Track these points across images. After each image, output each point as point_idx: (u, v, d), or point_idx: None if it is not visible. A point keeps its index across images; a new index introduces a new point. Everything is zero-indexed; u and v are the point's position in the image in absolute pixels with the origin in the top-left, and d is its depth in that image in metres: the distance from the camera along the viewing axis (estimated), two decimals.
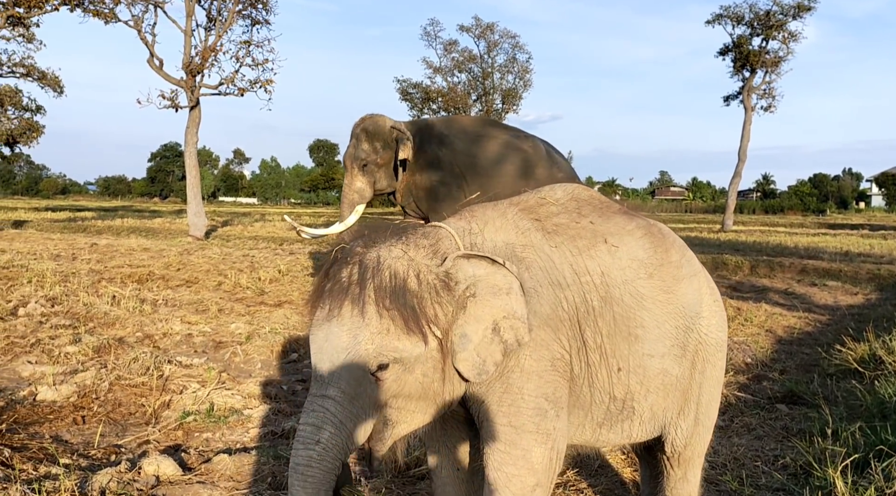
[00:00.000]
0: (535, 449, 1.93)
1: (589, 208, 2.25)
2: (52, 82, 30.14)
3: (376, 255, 1.80)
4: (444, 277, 1.83)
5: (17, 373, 4.65)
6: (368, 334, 1.73)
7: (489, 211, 2.12)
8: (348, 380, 1.74)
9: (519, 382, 1.92)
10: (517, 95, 36.80)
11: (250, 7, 17.02)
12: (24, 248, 13.66)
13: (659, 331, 2.14)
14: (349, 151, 7.58)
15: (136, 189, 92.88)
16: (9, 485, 2.62)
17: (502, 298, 1.85)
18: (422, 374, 1.81)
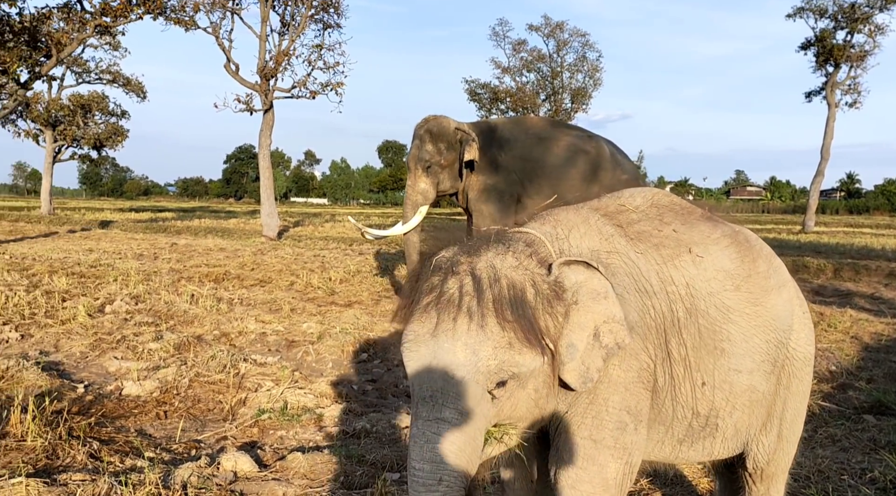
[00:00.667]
0: (611, 464, 1.85)
1: (671, 215, 2.17)
2: (136, 88, 31.52)
3: (489, 265, 1.68)
4: (556, 286, 1.74)
5: (104, 368, 4.86)
6: (490, 349, 1.60)
7: (572, 216, 2.03)
8: (466, 399, 1.60)
9: (605, 394, 1.84)
10: (587, 94, 36.34)
11: (322, 12, 17.35)
12: (110, 247, 14.30)
13: (747, 346, 2.05)
14: (412, 153, 7.61)
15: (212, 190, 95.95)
16: (98, 476, 2.74)
17: (602, 303, 1.77)
18: (533, 389, 1.73)
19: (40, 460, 3.02)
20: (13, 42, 14.92)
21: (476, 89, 36.85)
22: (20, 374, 4.30)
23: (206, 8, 16.49)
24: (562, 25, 35.89)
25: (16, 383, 4.19)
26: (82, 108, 30.86)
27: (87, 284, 8.35)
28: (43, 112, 29.52)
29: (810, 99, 28.12)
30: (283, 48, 17.06)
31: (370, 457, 3.20)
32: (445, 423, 1.59)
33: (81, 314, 6.30)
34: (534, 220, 2.05)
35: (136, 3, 15.53)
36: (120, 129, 32.80)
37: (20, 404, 3.33)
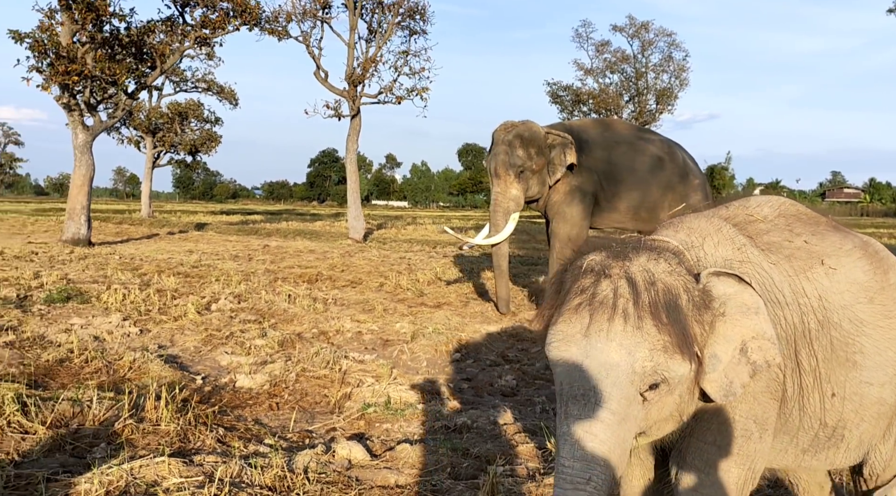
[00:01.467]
0: (734, 470, 1.88)
1: (800, 225, 2.17)
2: (229, 95, 32.89)
3: (644, 269, 1.70)
4: (704, 295, 1.75)
5: (216, 361, 5.20)
6: (646, 350, 1.61)
7: (705, 225, 2.03)
8: (619, 400, 1.61)
9: (733, 402, 1.84)
10: (672, 95, 35.64)
11: (408, 18, 17.73)
12: (208, 248, 15.03)
13: (880, 359, 2.05)
14: (502, 159, 7.42)
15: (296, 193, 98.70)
16: (228, 459, 2.99)
17: (752, 318, 1.76)
18: (678, 395, 1.74)
19: (174, 443, 3.30)
20: (122, 55, 15.90)
21: (558, 91, 36.70)
22: (146, 366, 4.67)
23: (297, 18, 17.13)
24: (647, 25, 35.36)
25: (143, 374, 4.55)
26: (179, 115, 32.45)
27: (192, 283, 8.86)
28: (144, 120, 31.21)
29: None
30: (370, 55, 17.54)
31: (474, 450, 3.35)
32: (598, 423, 1.59)
33: (191, 311, 6.72)
34: (666, 228, 2.07)
35: (233, 16, 16.29)
36: (214, 135, 34.33)
37: (154, 392, 3.64)
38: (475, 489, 2.88)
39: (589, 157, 7.81)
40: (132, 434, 3.38)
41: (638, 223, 8.20)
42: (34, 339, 5.36)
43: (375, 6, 17.71)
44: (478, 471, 3.13)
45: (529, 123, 7.67)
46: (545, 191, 7.69)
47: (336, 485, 2.88)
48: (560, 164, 7.48)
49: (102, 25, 14.74)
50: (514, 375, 5.00)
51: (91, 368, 4.68)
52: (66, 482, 2.73)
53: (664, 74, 35.95)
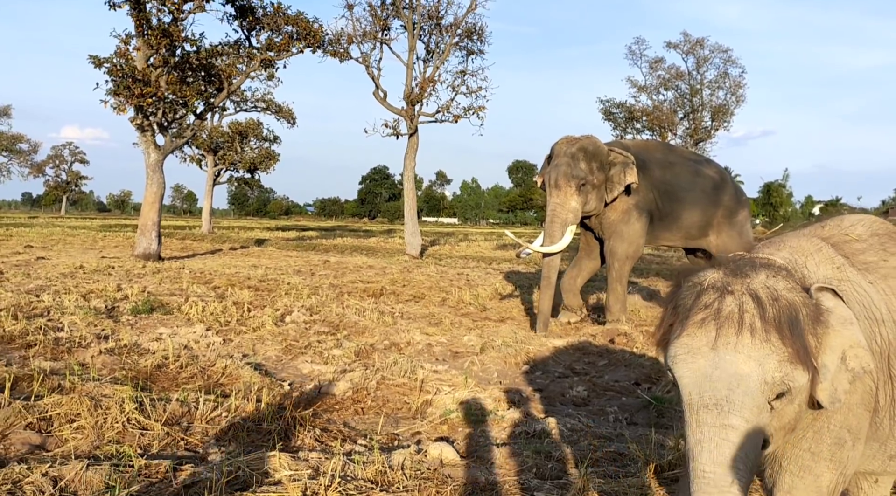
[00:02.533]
0: (826, 474, 1.99)
1: (893, 245, 2.27)
2: (287, 115, 33.82)
3: (766, 285, 1.81)
4: (816, 309, 1.87)
5: (298, 369, 5.49)
6: (776, 362, 1.72)
7: (805, 244, 2.16)
8: (751, 408, 1.72)
9: (827, 413, 1.96)
10: (728, 111, 35.28)
11: (466, 39, 18.10)
12: (271, 264, 15.53)
13: None
14: (563, 170, 7.44)
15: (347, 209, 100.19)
16: (330, 456, 3.24)
17: (850, 328, 1.88)
18: (798, 404, 1.84)
19: (277, 441, 3.57)
20: (192, 78, 16.65)
21: (611, 109, 36.70)
22: (237, 372, 4.98)
23: (358, 40, 17.66)
24: (702, 42, 35.18)
25: (235, 379, 4.86)
26: (240, 134, 33.52)
27: (263, 296, 9.25)
28: (206, 139, 32.32)
29: None
30: (428, 75, 17.95)
31: (556, 453, 3.53)
32: (733, 430, 1.70)
33: (269, 323, 7.06)
34: (767, 247, 2.19)
35: (297, 38, 16.91)
36: (272, 154, 35.33)
37: (255, 395, 3.93)
38: (562, 488, 3.07)
39: (647, 176, 7.95)
40: (238, 432, 3.67)
41: (689, 241, 8.40)
42: (130, 347, 5.74)
43: (433, 27, 18.15)
44: (561, 472, 3.32)
45: (593, 138, 7.78)
46: (601, 207, 7.76)
47: (432, 482, 3.10)
48: (619, 182, 7.57)
49: (175, 50, 15.47)
50: (585, 386, 5.16)
51: (187, 373, 5.01)
52: (191, 471, 3.02)
53: (720, 91, 35.66)
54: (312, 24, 16.81)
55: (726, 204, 8.42)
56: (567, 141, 7.71)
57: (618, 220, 7.86)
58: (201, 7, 15.55)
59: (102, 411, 3.67)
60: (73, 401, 3.72)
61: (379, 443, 3.73)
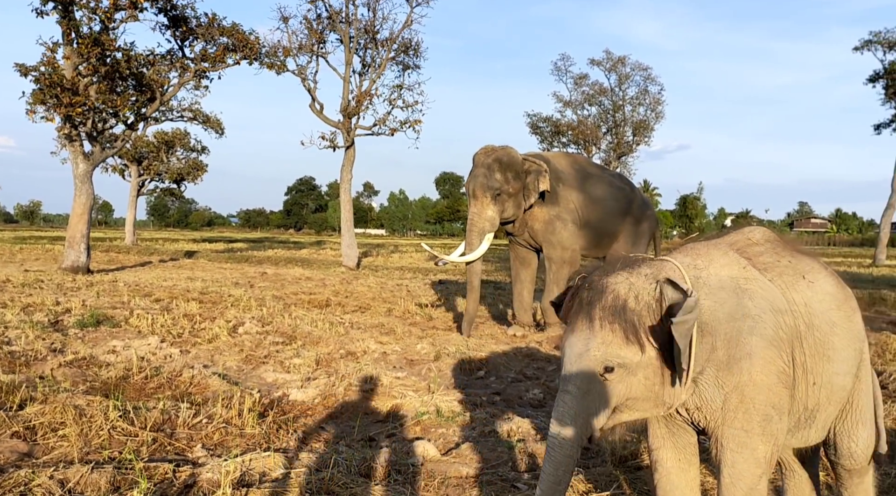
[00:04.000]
0: (761, 447, 2.29)
1: (781, 249, 2.59)
2: (215, 125, 33.22)
3: (605, 281, 2.21)
4: (660, 298, 2.18)
5: (263, 378, 5.60)
6: (596, 343, 2.14)
7: (711, 249, 2.47)
8: (583, 379, 2.16)
9: (752, 394, 2.27)
10: (649, 127, 36.73)
11: (402, 54, 18.38)
12: (206, 276, 15.33)
13: (844, 354, 2.49)
14: (480, 181, 7.82)
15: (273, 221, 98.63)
16: (319, 455, 3.42)
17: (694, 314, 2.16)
18: (644, 377, 2.19)
19: (261, 444, 3.72)
20: (122, 87, 16.31)
21: (538, 123, 37.64)
22: (205, 381, 5.07)
23: (294, 52, 17.68)
24: (623, 59, 36.52)
25: (204, 388, 4.96)
26: (166, 144, 32.73)
27: (210, 308, 9.22)
28: (130, 148, 31.42)
29: (880, 131, 27.99)
30: (364, 89, 18.12)
31: (529, 448, 3.81)
32: (569, 395, 2.18)
33: (223, 334, 7.11)
34: (677, 251, 2.53)
35: (232, 50, 16.81)
36: (200, 164, 34.63)
37: (236, 402, 4.06)
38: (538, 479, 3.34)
39: (565, 186, 8.39)
40: (224, 437, 3.80)
41: (600, 250, 8.84)
42: (89, 360, 5.72)
43: (369, 41, 18.36)
44: (535, 465, 3.60)
45: (509, 149, 8.15)
46: (520, 214, 8.15)
47: (419, 475, 3.32)
48: (534, 189, 7.96)
49: (106, 58, 15.14)
50: (540, 389, 5.47)
51: (154, 384, 5.07)
52: (190, 472, 3.15)
53: (641, 107, 37.08)
54: (248, 35, 16.76)
55: (635, 215, 9.05)
56: (485, 152, 8.08)
57: (543, 229, 8.27)
58: (134, 16, 15.30)
59: (87, 420, 3.74)
60: (56, 411, 3.78)
61: (359, 444, 3.93)
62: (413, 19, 18.06)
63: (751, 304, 2.31)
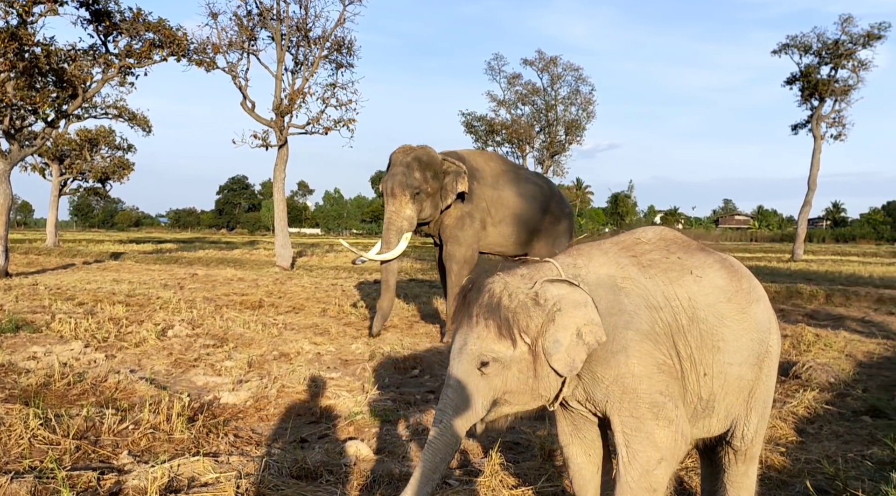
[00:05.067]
0: (658, 431, 2.36)
1: (675, 246, 2.66)
2: (142, 122, 32.22)
3: (482, 282, 2.37)
4: (534, 296, 2.32)
5: (193, 382, 5.49)
6: (472, 339, 2.28)
7: (594, 249, 2.59)
8: (461, 373, 2.30)
9: (632, 385, 2.37)
10: (580, 126, 37.44)
11: (335, 52, 18.22)
12: (134, 278, 14.88)
13: (737, 344, 2.55)
14: (399, 179, 7.69)
15: (204, 221, 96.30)
16: (250, 458, 3.39)
17: (582, 310, 2.31)
18: (518, 371, 2.31)
19: (190, 448, 3.66)
20: (41, 83, 15.66)
21: (472, 122, 37.90)
22: (132, 386, 4.95)
23: (224, 49, 17.31)
24: (555, 60, 37.12)
25: (131, 394, 4.83)
26: (89, 142, 31.56)
27: (137, 312, 8.97)
28: (51, 147, 30.19)
29: (796, 131, 29.24)
30: (297, 87, 17.89)
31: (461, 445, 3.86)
32: (451, 388, 2.31)
33: (151, 337, 6.93)
34: (563, 252, 2.65)
35: (159, 46, 16.35)
36: (126, 163, 33.51)
37: (164, 406, 3.98)
38: (471, 474, 3.41)
39: (481, 185, 8.34)
40: (151, 442, 3.72)
41: (518, 248, 8.75)
42: (7, 367, 5.50)
43: (302, 39, 18.13)
44: (467, 461, 3.65)
45: (428, 148, 8.06)
46: (437, 214, 8.05)
47: (353, 475, 3.33)
48: (452, 190, 7.88)
49: (24, 53, 14.51)
50: None
51: (77, 390, 4.91)
52: (115, 479, 3.07)
53: (572, 107, 37.76)
54: (176, 31, 16.33)
55: (554, 213, 9.00)
56: (403, 151, 7.98)
57: (452, 225, 8.17)
58: (53, 10, 14.69)
59: (6, 429, 3.61)
60: None
61: (293, 446, 3.91)
62: (346, 17, 17.95)
63: (626, 301, 2.43)
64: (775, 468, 3.86)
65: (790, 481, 3.66)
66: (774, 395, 5.39)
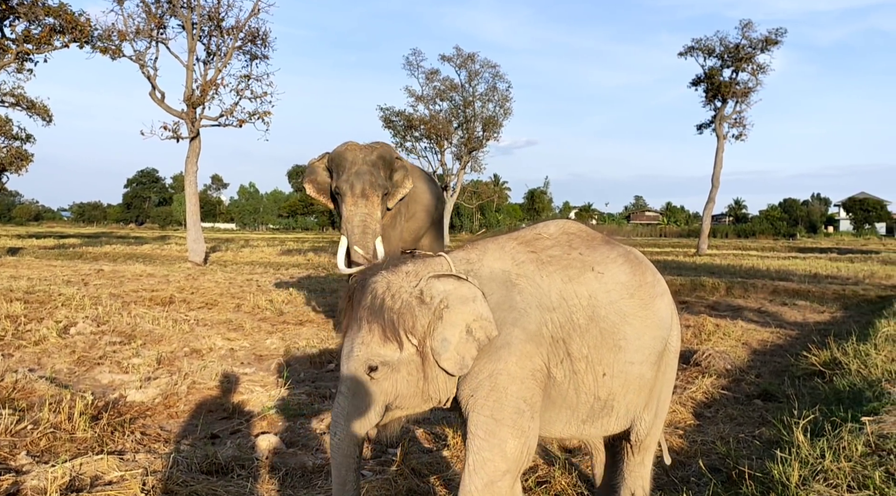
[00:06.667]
0: (510, 441, 2.25)
1: (578, 240, 2.57)
2: (41, 111, 30.57)
3: (367, 281, 2.27)
4: (419, 294, 2.23)
5: (97, 380, 5.31)
6: (359, 343, 2.20)
7: (490, 244, 2.51)
8: (351, 379, 2.21)
9: (505, 383, 2.27)
10: (498, 123, 37.89)
11: (249, 43, 17.82)
12: (34, 274, 14.15)
13: (639, 342, 2.48)
14: (369, 179, 7.23)
15: (111, 215, 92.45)
16: (157, 456, 3.32)
17: (470, 305, 2.24)
18: (407, 373, 2.23)
19: (94, 448, 3.55)
20: None
21: (391, 117, 37.80)
22: (31, 386, 4.74)
23: (131, 37, 16.66)
24: (473, 57, 37.40)
25: (29, 393, 4.63)
26: None
27: (37, 309, 8.56)
28: None
29: (701, 131, 30.55)
30: (210, 78, 17.41)
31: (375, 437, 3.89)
32: (342, 395, 2.26)
33: (52, 335, 6.64)
34: (460, 247, 2.57)
35: (60, 31, 15.59)
36: (24, 154, 31.67)
37: (66, 405, 3.84)
38: (384, 464, 3.45)
39: None
40: (52, 442, 3.59)
41: (413, 244, 8.64)
42: None
43: (214, 29, 17.64)
44: (382, 452, 3.69)
45: (388, 146, 7.81)
46: (384, 215, 7.64)
47: (264, 468, 3.32)
48: (404, 187, 7.62)
49: None
50: None
51: None
52: (13, 480, 2.96)
53: (490, 103, 38.17)
54: (78, 16, 15.61)
55: (440, 210, 8.97)
56: (361, 148, 7.54)
57: (387, 224, 7.86)
58: None
59: None
60: None
61: (203, 441, 3.85)
62: (260, 8, 17.56)
63: (518, 298, 2.35)
64: (674, 450, 4.07)
65: (687, 462, 3.87)
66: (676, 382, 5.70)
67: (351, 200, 7.34)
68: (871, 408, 3.83)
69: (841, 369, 5.41)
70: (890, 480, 2.70)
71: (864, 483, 2.71)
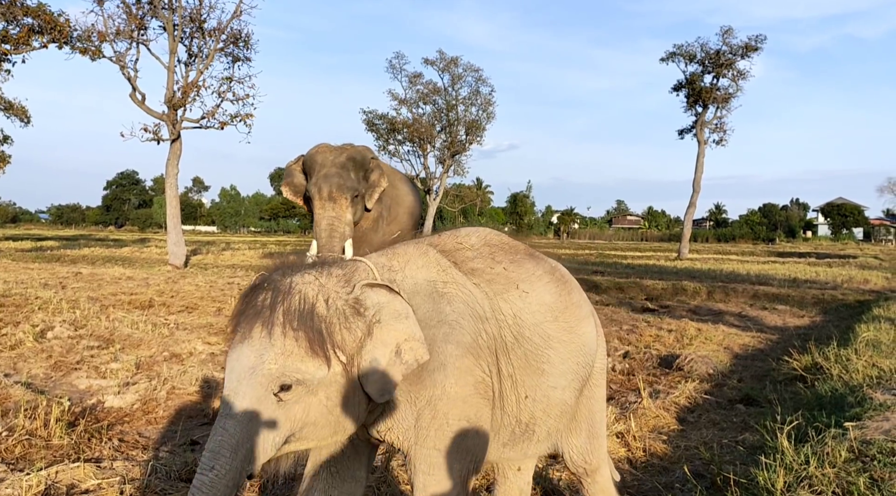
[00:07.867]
0: (455, 465, 2.08)
1: (501, 253, 2.41)
2: (19, 112, 30.19)
3: (290, 281, 1.88)
4: (355, 303, 1.91)
5: (74, 386, 5.22)
6: (273, 355, 1.77)
7: (411, 250, 2.25)
8: (251, 399, 1.78)
9: (445, 409, 2.05)
10: (480, 127, 37.95)
11: (232, 45, 17.69)
12: (10, 277, 13.93)
13: (563, 368, 2.36)
14: (337, 181, 7.17)
15: (90, 217, 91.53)
16: (136, 463, 3.26)
17: (403, 322, 1.94)
18: (325, 397, 1.86)
19: (70, 455, 3.48)
20: None
21: (374, 120, 37.74)
22: (6, 391, 4.64)
23: (111, 38, 16.47)
24: (456, 60, 37.46)
25: (4, 399, 4.53)
26: None
27: (12, 313, 8.42)
28: None
29: (683, 136, 30.80)
30: (191, 79, 17.27)
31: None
32: (231, 419, 1.78)
33: (28, 339, 6.53)
34: (377, 252, 2.28)
35: (38, 32, 15.39)
36: (1, 155, 31.28)
37: (42, 412, 3.76)
38: None
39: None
40: (27, 449, 3.51)
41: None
42: None
43: (196, 30, 17.50)
44: None
45: (359, 147, 7.70)
46: (360, 216, 7.61)
47: None
48: (379, 187, 7.54)
49: None
50: None
51: None
52: None
53: (473, 107, 38.22)
54: (57, 17, 15.42)
55: (421, 213, 9.04)
56: (331, 150, 7.50)
57: (369, 228, 7.83)
58: None
59: None
60: None
61: (182, 448, 3.79)
62: (242, 10, 17.44)
63: (448, 309, 2.12)
64: (657, 455, 4.07)
65: (671, 467, 3.87)
66: (659, 386, 5.70)
67: (319, 203, 7.31)
68: (854, 414, 3.85)
69: (822, 374, 5.45)
70: (874, 486, 2.71)
71: (849, 489, 2.71)
